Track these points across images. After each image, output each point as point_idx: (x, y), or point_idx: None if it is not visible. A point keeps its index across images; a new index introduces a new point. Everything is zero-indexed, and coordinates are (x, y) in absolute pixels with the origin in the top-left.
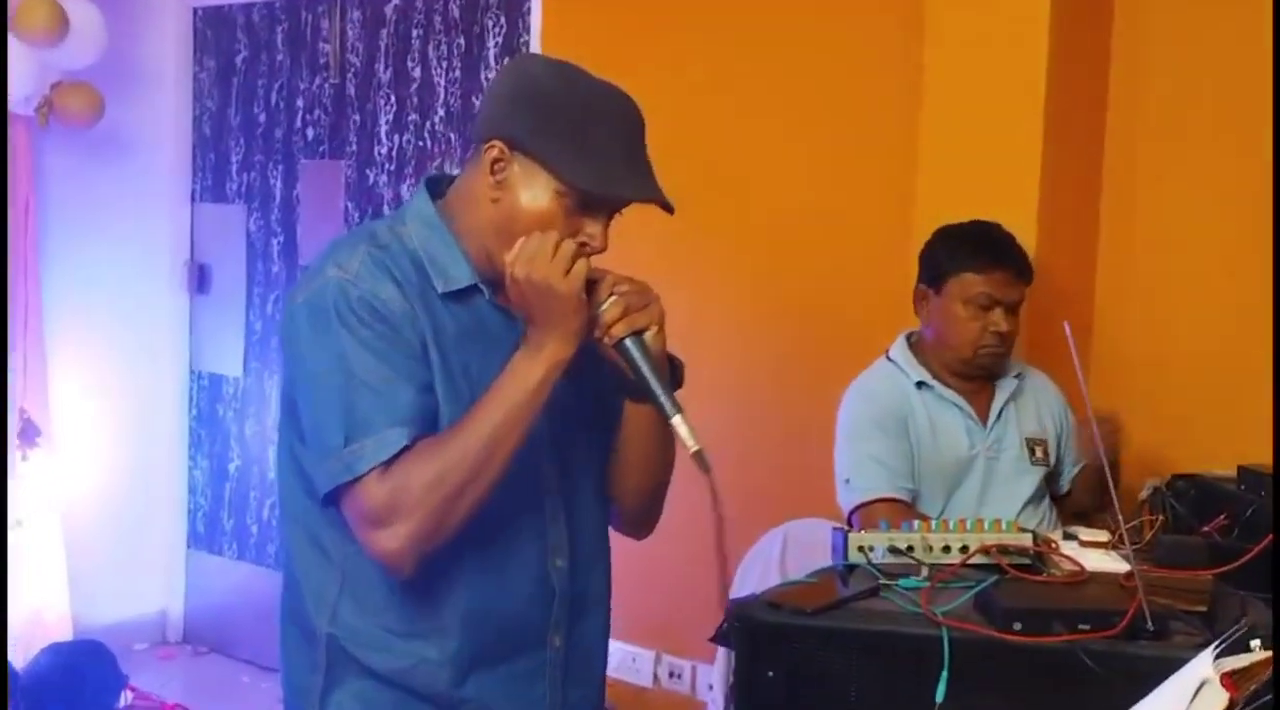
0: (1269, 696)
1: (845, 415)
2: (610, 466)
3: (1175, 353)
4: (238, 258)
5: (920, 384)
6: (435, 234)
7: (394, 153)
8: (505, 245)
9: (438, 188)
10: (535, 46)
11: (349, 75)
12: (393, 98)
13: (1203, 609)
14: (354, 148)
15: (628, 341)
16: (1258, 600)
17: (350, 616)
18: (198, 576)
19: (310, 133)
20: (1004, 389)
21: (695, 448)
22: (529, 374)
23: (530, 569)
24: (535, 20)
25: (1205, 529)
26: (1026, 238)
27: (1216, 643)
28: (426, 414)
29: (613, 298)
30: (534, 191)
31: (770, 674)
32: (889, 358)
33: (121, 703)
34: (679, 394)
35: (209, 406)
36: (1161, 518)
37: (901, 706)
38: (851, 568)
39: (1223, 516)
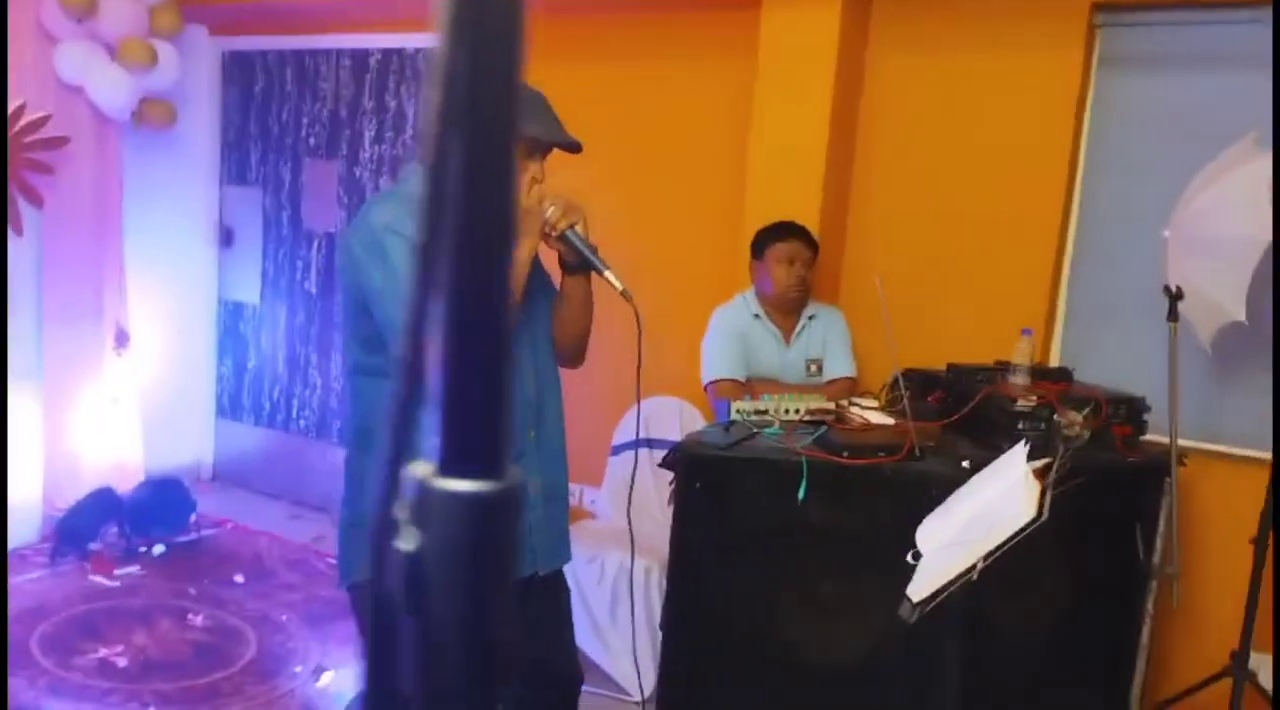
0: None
1: (712, 325)
2: (555, 325)
3: (897, 293)
4: (255, 223)
5: (756, 316)
6: None
7: (375, 157)
8: None
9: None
10: None
11: (341, 102)
12: (374, 119)
13: (932, 444)
14: (345, 153)
15: (568, 232)
16: (963, 439)
17: None
18: (223, 436)
19: (312, 141)
20: (800, 324)
21: (622, 287)
22: (516, 260)
23: (514, 387)
24: None
25: (930, 399)
26: (813, 224)
27: (1027, 451)
28: None
29: (553, 207)
30: None
31: (698, 485)
32: (744, 297)
33: (192, 519)
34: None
35: (233, 324)
36: (907, 392)
37: (778, 505)
38: (731, 423)
39: (940, 392)
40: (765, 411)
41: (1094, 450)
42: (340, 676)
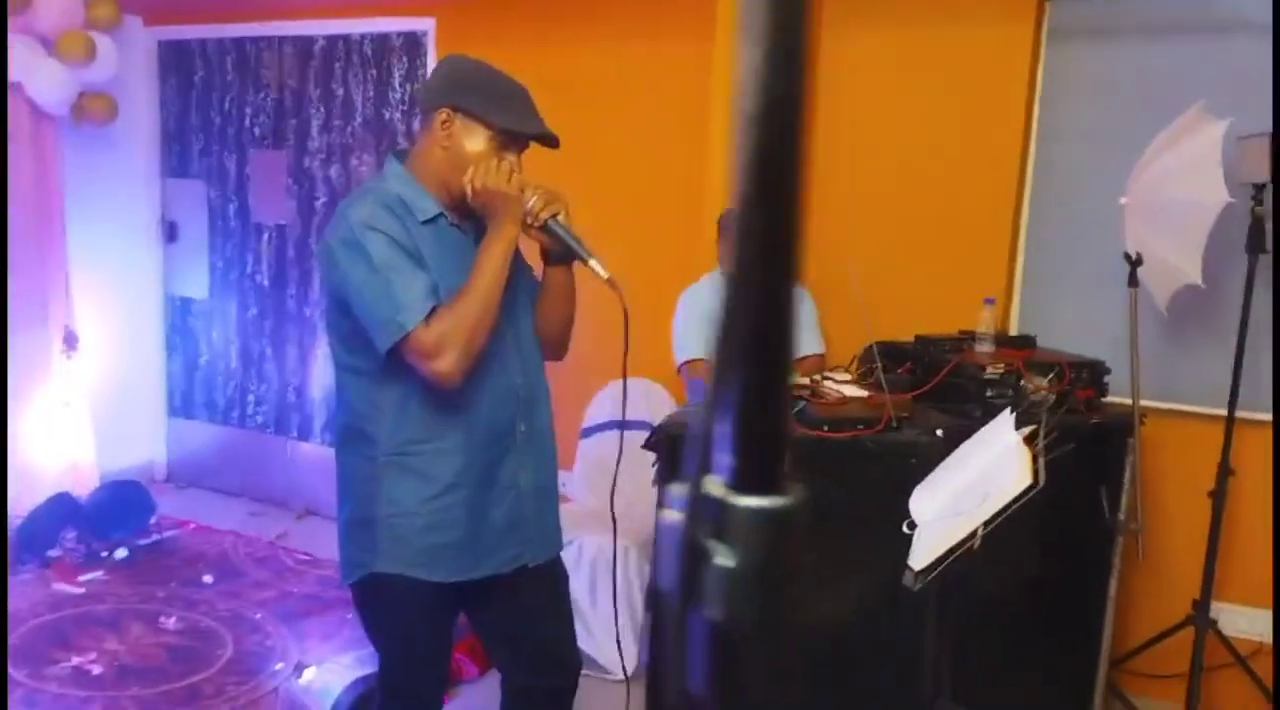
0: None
1: (682, 306)
2: (538, 317)
3: (860, 267)
4: (200, 216)
5: None
6: (408, 185)
7: (324, 146)
8: (458, 173)
9: (399, 157)
10: None
11: (286, 91)
12: (322, 108)
13: (906, 414)
14: (292, 142)
15: (550, 222)
16: (934, 408)
17: (396, 433)
18: (176, 435)
19: (257, 131)
20: None
21: (608, 276)
22: (498, 247)
23: (503, 381)
24: (430, 59)
25: (900, 371)
26: None
27: (1014, 420)
28: (434, 289)
29: (535, 196)
30: (474, 137)
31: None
32: (713, 277)
33: (153, 520)
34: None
35: (181, 321)
36: (881, 365)
37: None
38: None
39: (910, 363)
40: None
41: (1059, 413)
42: (324, 672)
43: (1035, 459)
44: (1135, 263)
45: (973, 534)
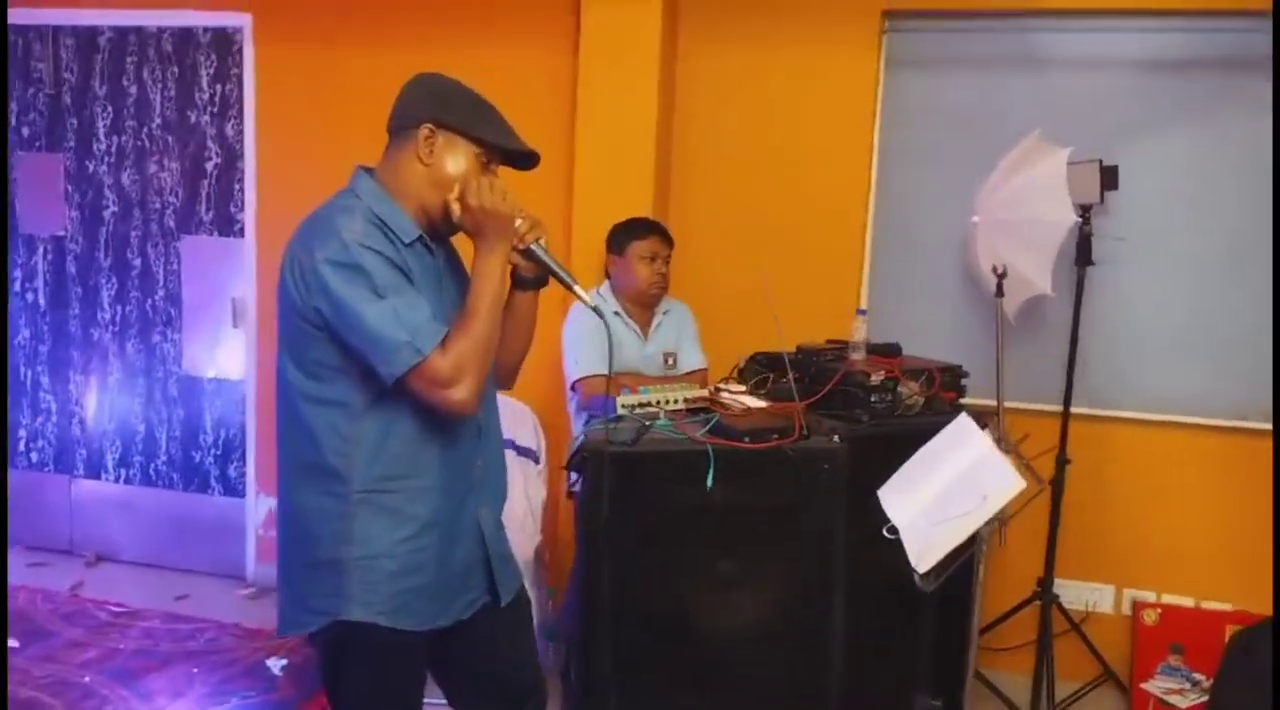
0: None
1: (572, 322)
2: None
3: (722, 284)
4: None
5: (615, 313)
6: (386, 203)
7: (113, 149)
8: (438, 192)
9: (369, 172)
10: (249, 78)
11: (64, 88)
12: (109, 107)
13: (802, 422)
14: (72, 144)
15: (533, 246)
16: (823, 417)
17: (371, 468)
18: None
19: (26, 131)
20: (656, 320)
21: (594, 304)
22: (494, 267)
23: (469, 419)
24: (247, 58)
25: (786, 380)
26: None
27: (980, 425)
28: (434, 314)
29: (521, 219)
30: (456, 154)
31: (606, 482)
32: (599, 293)
33: None
34: None
35: None
36: (771, 376)
37: (688, 493)
38: (618, 419)
39: (795, 374)
40: (649, 404)
41: (928, 415)
42: None
43: (1021, 460)
44: (1001, 275)
45: (976, 535)
